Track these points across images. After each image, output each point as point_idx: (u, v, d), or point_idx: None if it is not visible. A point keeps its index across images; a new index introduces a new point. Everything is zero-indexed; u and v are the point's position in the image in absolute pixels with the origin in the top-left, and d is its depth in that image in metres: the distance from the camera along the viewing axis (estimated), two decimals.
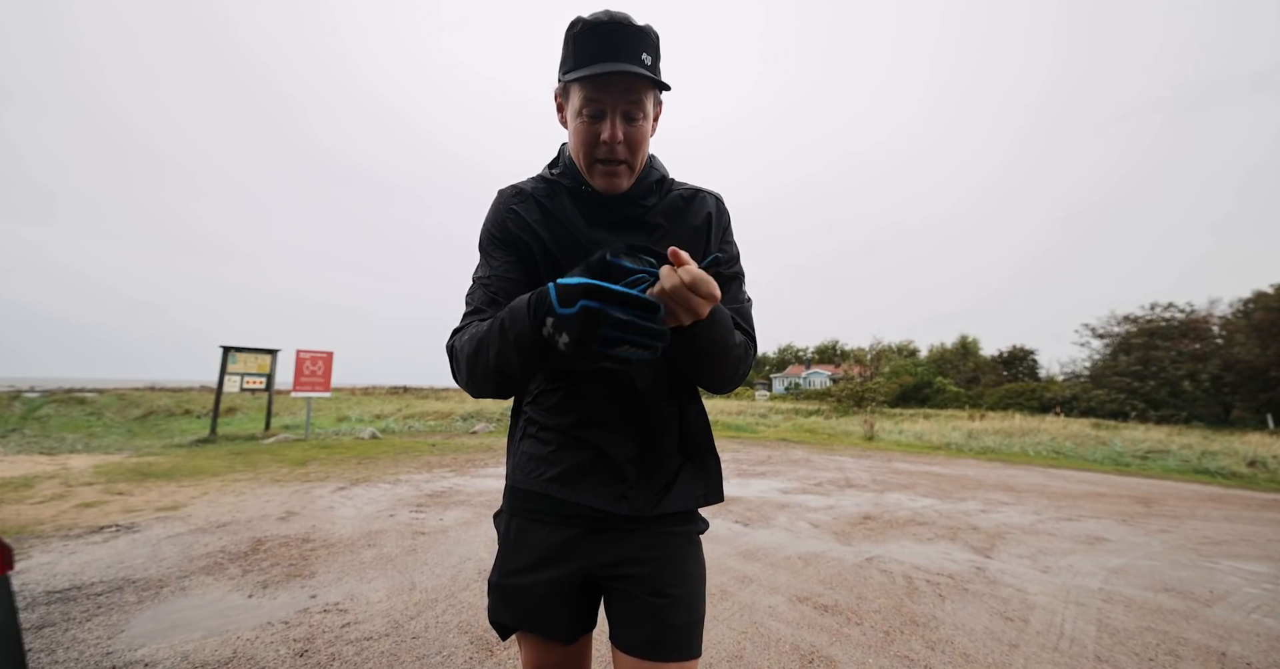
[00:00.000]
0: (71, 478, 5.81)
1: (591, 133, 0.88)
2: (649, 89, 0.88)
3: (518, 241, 0.97)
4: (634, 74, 0.83)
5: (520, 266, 0.96)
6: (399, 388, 41.06)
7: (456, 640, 2.35)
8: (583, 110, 0.87)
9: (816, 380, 52.26)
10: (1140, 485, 7.80)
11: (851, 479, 7.26)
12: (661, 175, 1.01)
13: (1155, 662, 2.35)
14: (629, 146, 0.89)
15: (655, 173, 1.00)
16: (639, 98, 0.87)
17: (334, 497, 5.18)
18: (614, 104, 0.86)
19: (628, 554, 0.91)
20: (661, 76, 0.90)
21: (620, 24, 0.85)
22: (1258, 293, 29.98)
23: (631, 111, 0.87)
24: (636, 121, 0.89)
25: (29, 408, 14.97)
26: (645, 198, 0.98)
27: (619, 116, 0.87)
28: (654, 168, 1.00)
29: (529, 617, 0.92)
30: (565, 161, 0.99)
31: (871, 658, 2.31)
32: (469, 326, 0.88)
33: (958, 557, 3.80)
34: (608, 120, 0.87)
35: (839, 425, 16.90)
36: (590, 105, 0.86)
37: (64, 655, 2.13)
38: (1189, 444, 12.31)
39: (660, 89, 0.90)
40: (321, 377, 11.21)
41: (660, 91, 0.92)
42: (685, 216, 1.00)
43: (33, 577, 2.91)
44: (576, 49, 0.86)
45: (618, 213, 0.97)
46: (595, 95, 0.85)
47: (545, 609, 0.91)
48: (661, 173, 1.02)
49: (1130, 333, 32.93)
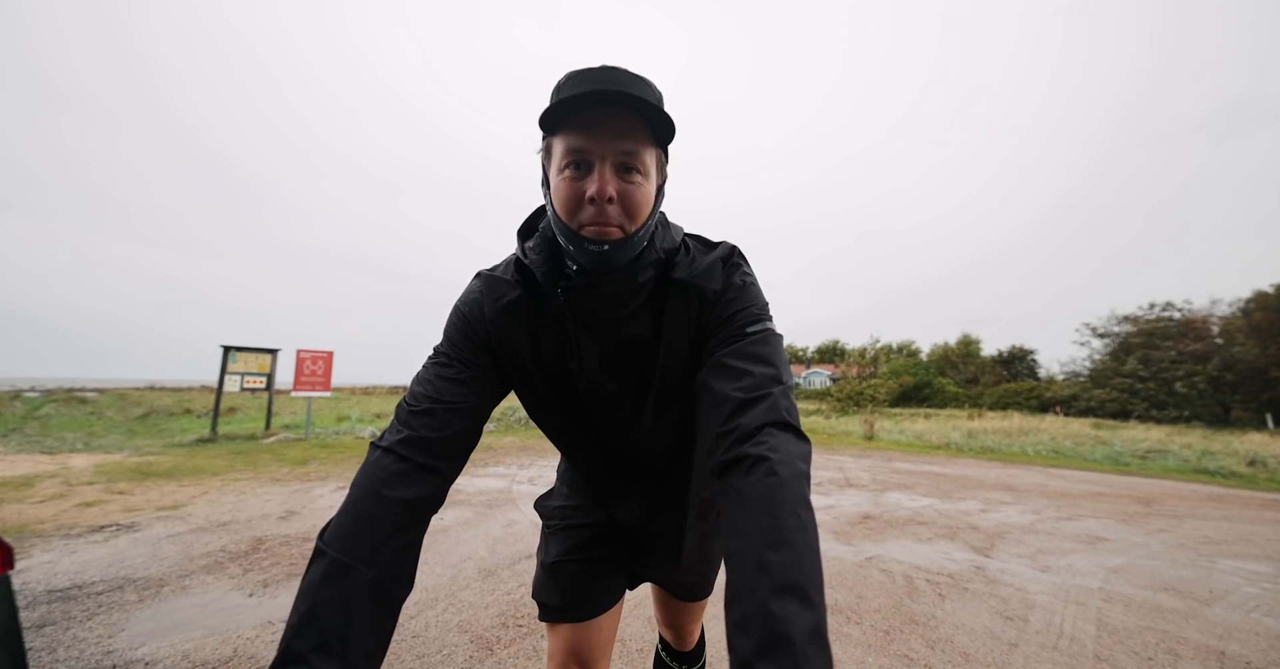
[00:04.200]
0: (72, 477, 5.81)
1: (575, 190, 0.71)
2: (648, 143, 0.72)
3: (492, 354, 0.85)
4: (626, 108, 0.69)
5: (478, 381, 0.82)
6: (399, 387, 41.09)
7: (457, 639, 2.35)
8: (565, 163, 0.71)
9: (816, 380, 52.27)
10: (1140, 485, 7.80)
11: (851, 479, 7.26)
12: (658, 256, 0.80)
13: (1154, 661, 2.35)
14: (624, 207, 0.71)
15: (653, 253, 0.79)
16: (635, 148, 0.70)
17: (334, 496, 5.18)
18: (602, 153, 0.70)
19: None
20: (666, 128, 0.73)
21: (613, 69, 0.71)
22: (1257, 293, 30.00)
23: (627, 162, 0.71)
24: (633, 176, 0.71)
25: (30, 407, 14.97)
26: (635, 295, 0.80)
27: (609, 168, 0.70)
28: (655, 246, 0.80)
29: (576, 599, 1.05)
30: (544, 239, 0.83)
31: (871, 657, 2.31)
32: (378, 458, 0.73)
33: (957, 556, 3.81)
34: (595, 172, 0.70)
35: (839, 425, 16.91)
36: (573, 154, 0.70)
37: (65, 654, 2.13)
38: (1189, 444, 12.31)
39: (663, 140, 0.75)
40: (322, 376, 11.22)
41: (663, 146, 0.77)
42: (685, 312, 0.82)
43: (34, 576, 2.91)
44: (560, 97, 0.70)
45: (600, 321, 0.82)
46: (579, 143, 0.70)
47: (590, 588, 1.05)
48: (668, 248, 0.82)
49: (1130, 333, 32.96)
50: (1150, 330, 31.68)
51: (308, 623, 0.60)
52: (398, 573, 0.68)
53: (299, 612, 0.61)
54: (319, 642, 0.58)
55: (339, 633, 0.60)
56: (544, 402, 0.92)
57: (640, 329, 0.84)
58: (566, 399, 0.91)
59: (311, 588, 0.62)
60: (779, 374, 0.74)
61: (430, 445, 0.74)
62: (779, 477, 0.62)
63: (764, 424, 0.68)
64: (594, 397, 0.89)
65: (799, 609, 0.52)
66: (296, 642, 0.59)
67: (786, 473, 0.63)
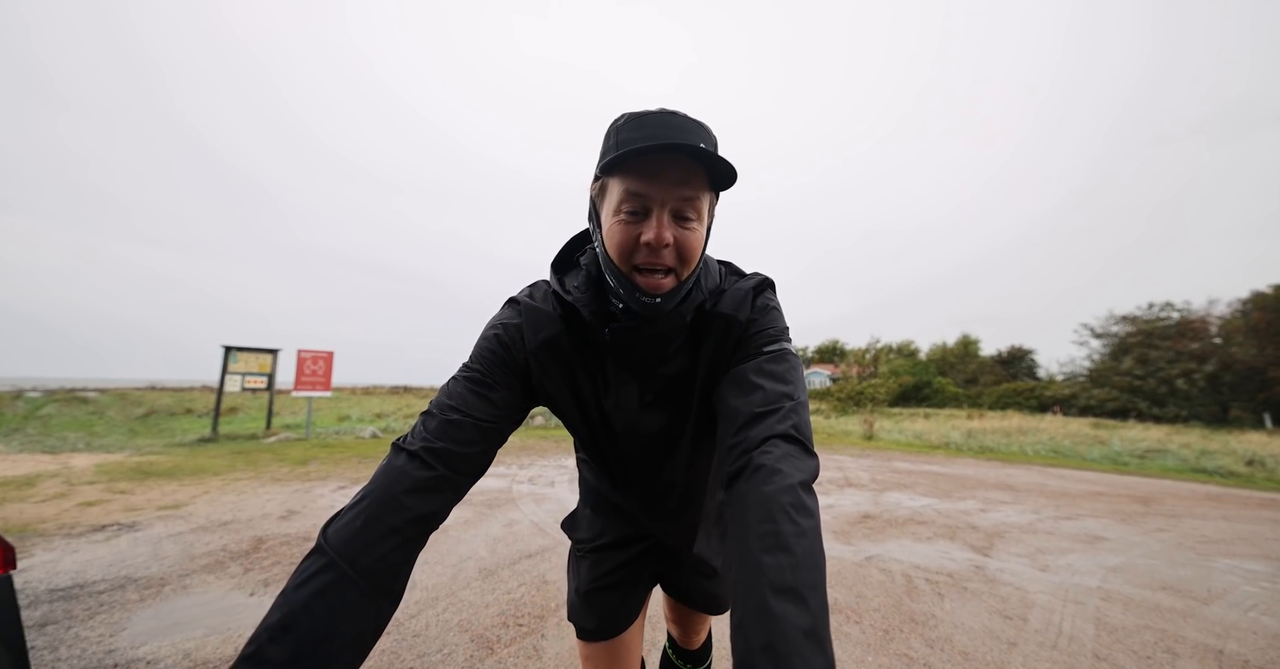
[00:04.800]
0: (73, 477, 5.82)
1: (631, 234, 0.72)
2: (705, 188, 0.73)
3: (526, 381, 0.85)
4: (690, 155, 0.69)
5: (507, 403, 0.82)
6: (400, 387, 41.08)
7: (457, 639, 2.36)
8: (622, 206, 0.72)
9: (816, 380, 52.24)
10: (1139, 484, 7.81)
11: (851, 478, 7.28)
12: (703, 297, 0.83)
13: (1153, 660, 2.36)
14: (678, 253, 0.73)
15: (699, 294, 0.82)
16: (694, 195, 0.72)
17: (335, 496, 5.18)
18: (662, 199, 0.71)
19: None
20: (725, 177, 0.73)
21: (673, 113, 0.72)
22: (1255, 293, 30.04)
23: (683, 209, 0.72)
24: (689, 223, 0.73)
25: (32, 407, 14.97)
26: (680, 334, 0.83)
27: (667, 214, 0.72)
28: (700, 288, 0.83)
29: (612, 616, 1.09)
30: (588, 276, 0.84)
31: (871, 656, 2.32)
32: (397, 462, 0.72)
33: (957, 555, 3.81)
34: (653, 218, 0.71)
35: (838, 425, 16.92)
36: (632, 200, 0.71)
37: (66, 653, 2.14)
38: (1187, 443, 12.34)
39: (721, 186, 0.75)
40: (322, 376, 11.23)
41: (719, 192, 0.78)
42: (721, 345, 0.84)
43: (35, 575, 2.92)
44: (619, 139, 0.72)
45: (641, 360, 0.84)
46: (639, 187, 0.70)
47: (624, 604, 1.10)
48: (711, 289, 0.85)
49: (1129, 333, 33.00)
50: (1149, 330, 31.72)
51: (286, 628, 0.57)
52: (390, 586, 0.66)
53: (280, 611, 0.58)
54: (294, 652, 0.56)
55: (316, 646, 0.58)
56: (578, 430, 0.94)
57: (678, 365, 0.86)
58: (600, 435, 0.93)
59: (300, 591, 0.60)
60: (791, 391, 0.75)
61: (454, 459, 0.74)
62: (778, 483, 0.63)
63: (770, 436, 0.69)
64: (631, 435, 0.90)
65: (796, 610, 0.52)
66: (270, 647, 0.56)
67: (786, 480, 0.63)
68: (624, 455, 0.94)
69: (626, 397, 0.87)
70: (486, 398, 0.80)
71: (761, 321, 0.83)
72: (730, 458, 0.71)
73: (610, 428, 0.91)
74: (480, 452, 0.77)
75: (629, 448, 0.92)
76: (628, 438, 0.91)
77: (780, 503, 0.61)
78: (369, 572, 0.63)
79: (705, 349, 0.84)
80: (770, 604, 0.53)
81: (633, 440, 0.91)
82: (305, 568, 0.62)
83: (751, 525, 0.61)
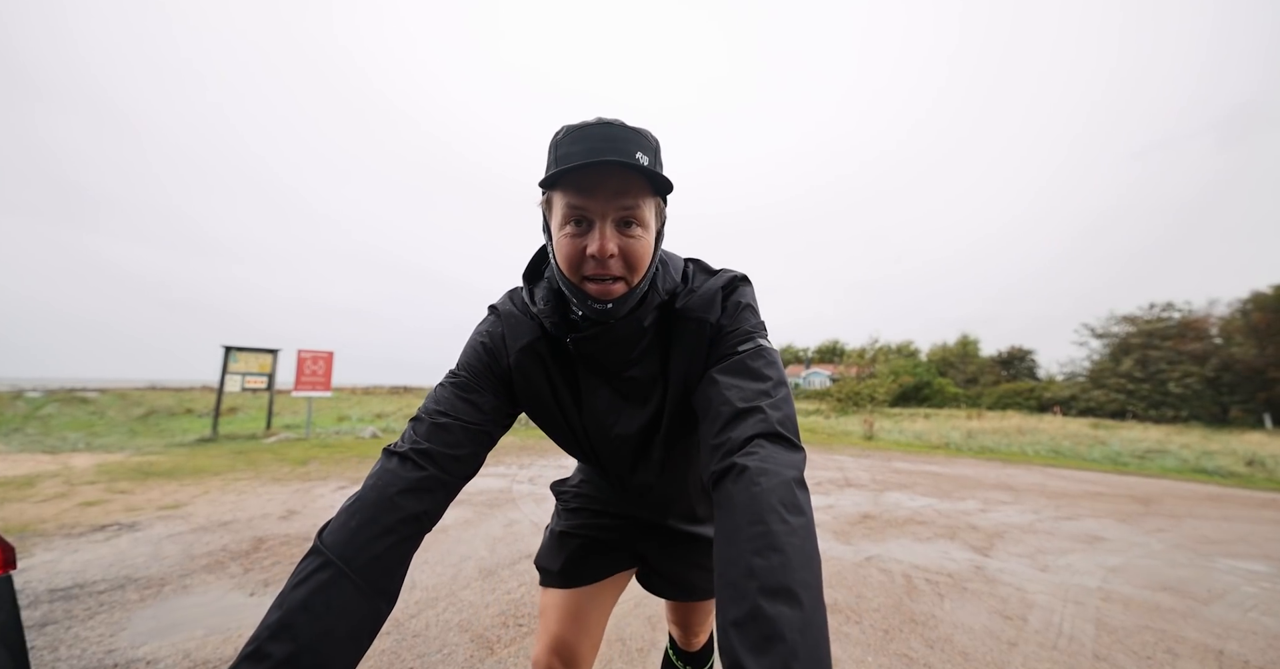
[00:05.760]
0: (74, 477, 5.82)
1: (577, 247, 0.73)
2: (646, 194, 0.74)
3: (509, 386, 0.88)
4: (625, 167, 0.70)
5: (493, 408, 0.85)
6: (400, 387, 41.07)
7: (457, 639, 2.36)
8: (566, 220, 0.74)
9: (816, 380, 52.27)
10: (1139, 485, 7.82)
11: (851, 478, 7.27)
12: (661, 299, 0.84)
13: (1153, 660, 2.36)
14: (625, 261, 0.74)
15: (656, 296, 0.83)
16: (634, 203, 0.73)
17: (335, 496, 5.18)
18: (602, 211, 0.72)
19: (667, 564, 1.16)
20: (662, 179, 0.75)
21: (609, 124, 0.73)
22: (1255, 293, 30.06)
23: (626, 218, 0.73)
24: (633, 230, 0.74)
25: (32, 407, 14.97)
26: (640, 338, 0.84)
27: (610, 225, 0.73)
28: (657, 289, 0.84)
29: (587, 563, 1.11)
30: (549, 287, 0.87)
31: (871, 656, 2.32)
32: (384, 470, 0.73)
33: (957, 556, 3.82)
34: (596, 230, 0.73)
35: (838, 425, 16.92)
36: (574, 213, 0.73)
37: (66, 653, 2.14)
38: (1187, 444, 12.35)
39: (660, 192, 0.77)
40: (322, 376, 11.22)
41: (662, 196, 0.79)
42: (693, 347, 0.85)
43: (35, 575, 2.92)
44: (558, 154, 0.73)
45: (607, 365, 0.86)
46: (579, 201, 0.72)
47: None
48: (668, 289, 0.85)
49: (1129, 333, 33.01)
50: (1149, 331, 31.74)
51: (286, 626, 0.58)
52: (386, 585, 0.67)
53: (279, 610, 0.59)
54: (293, 650, 0.57)
55: (315, 643, 0.58)
56: (557, 434, 0.97)
57: (648, 368, 0.87)
58: (580, 438, 0.95)
59: (298, 590, 0.61)
60: (768, 388, 0.75)
61: (443, 461, 0.76)
62: (766, 483, 0.62)
63: (753, 436, 0.69)
64: (604, 438, 0.93)
65: (789, 610, 0.52)
66: (270, 645, 0.57)
67: (774, 479, 0.63)
68: (601, 459, 0.97)
69: (598, 401, 0.89)
70: (473, 403, 0.83)
71: (733, 321, 0.84)
72: (714, 459, 0.71)
73: (587, 432, 0.93)
74: (469, 454, 0.79)
75: (604, 450, 0.95)
76: (601, 441, 0.93)
77: (769, 502, 0.61)
78: (365, 571, 0.64)
79: (676, 352, 0.85)
80: (763, 606, 0.52)
81: (605, 443, 0.93)
82: (303, 568, 0.64)
83: (741, 527, 0.60)
